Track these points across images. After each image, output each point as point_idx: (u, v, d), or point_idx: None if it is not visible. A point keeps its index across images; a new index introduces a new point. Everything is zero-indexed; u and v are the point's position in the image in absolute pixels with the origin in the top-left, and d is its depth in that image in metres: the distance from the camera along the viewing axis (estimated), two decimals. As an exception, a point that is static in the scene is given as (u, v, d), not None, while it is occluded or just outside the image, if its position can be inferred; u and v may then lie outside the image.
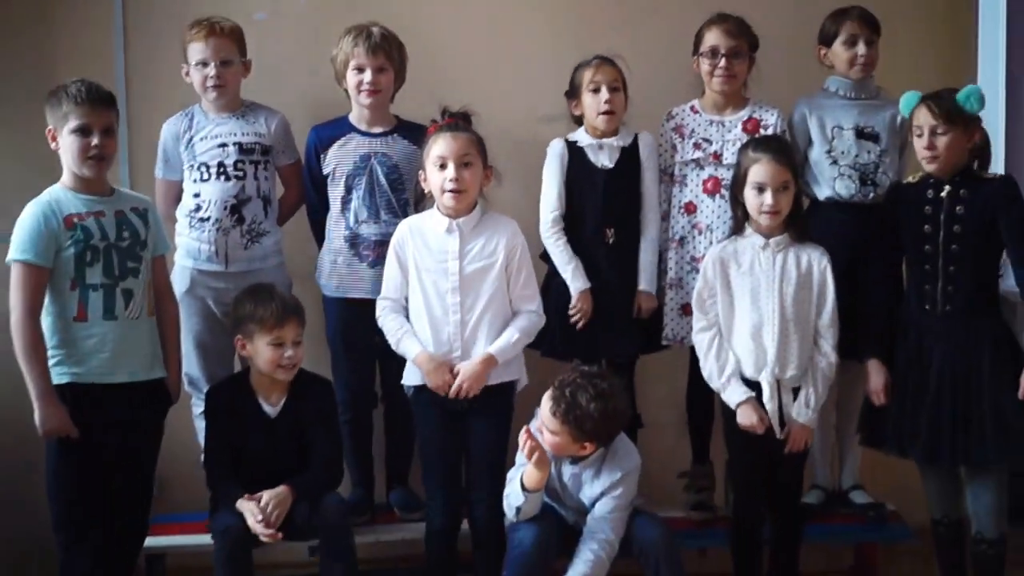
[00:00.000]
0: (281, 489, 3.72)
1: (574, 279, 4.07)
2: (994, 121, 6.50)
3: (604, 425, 3.60)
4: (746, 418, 3.74)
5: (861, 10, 4.19)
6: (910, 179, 3.88)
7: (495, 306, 3.82)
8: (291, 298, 3.92)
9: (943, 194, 3.71)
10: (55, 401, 3.47)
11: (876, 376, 3.81)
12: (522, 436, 3.62)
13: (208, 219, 4.11)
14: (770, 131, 4.14)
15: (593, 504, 3.70)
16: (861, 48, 4.15)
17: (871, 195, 4.12)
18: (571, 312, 4.06)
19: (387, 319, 3.88)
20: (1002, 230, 3.67)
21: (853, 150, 4.15)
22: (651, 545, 3.64)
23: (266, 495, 3.69)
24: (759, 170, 3.74)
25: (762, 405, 3.74)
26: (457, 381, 3.74)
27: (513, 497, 3.66)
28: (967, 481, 3.77)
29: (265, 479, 3.77)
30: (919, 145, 3.73)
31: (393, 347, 3.88)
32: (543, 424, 3.63)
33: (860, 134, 4.15)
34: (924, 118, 3.69)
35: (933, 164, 3.70)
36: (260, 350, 3.81)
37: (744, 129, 4.16)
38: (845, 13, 4.19)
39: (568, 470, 3.74)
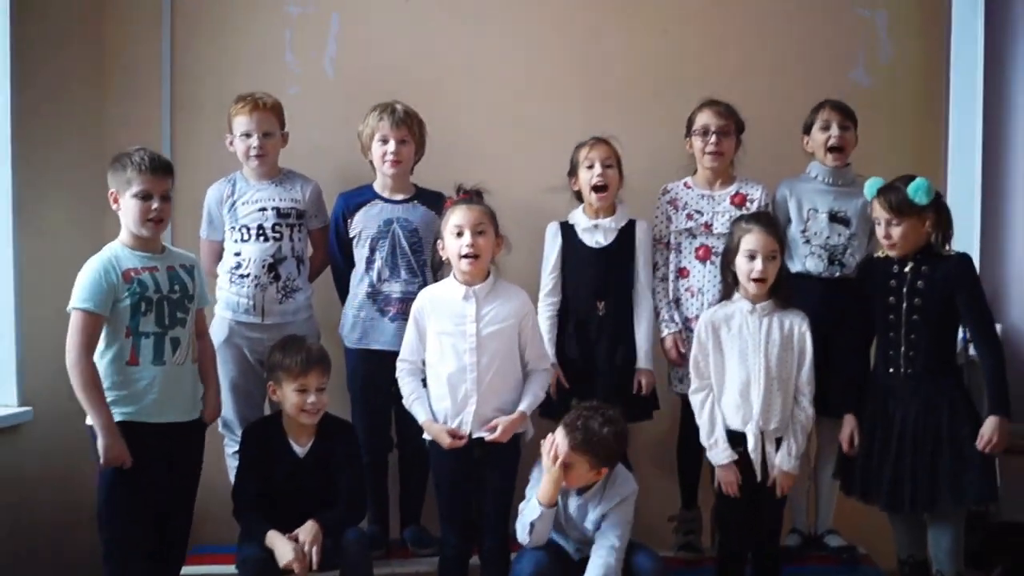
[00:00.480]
0: (311, 525, 3.94)
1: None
2: (969, 200, 6.85)
3: (617, 445, 3.96)
4: (725, 477, 4.07)
5: (835, 100, 4.53)
6: (879, 254, 4.18)
7: (508, 365, 4.10)
8: (318, 350, 4.16)
9: (906, 270, 4.04)
10: (116, 433, 3.70)
11: (846, 427, 4.14)
12: (546, 444, 3.92)
13: (248, 276, 4.40)
14: (755, 205, 4.45)
15: (597, 527, 4.00)
16: (834, 130, 4.46)
17: (837, 273, 4.42)
18: None
19: (404, 381, 4.17)
20: (959, 306, 4.00)
21: (825, 232, 4.44)
22: (649, 573, 3.95)
23: (302, 534, 3.91)
24: (751, 239, 4.05)
25: (747, 455, 4.04)
26: (498, 433, 4.00)
27: (528, 512, 3.95)
28: (929, 525, 4.05)
29: (292, 514, 4.00)
30: (879, 233, 4.08)
31: (406, 407, 4.17)
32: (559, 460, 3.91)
33: (833, 218, 4.44)
34: (879, 211, 4.04)
35: (892, 250, 4.05)
36: (287, 395, 4.07)
37: (732, 202, 4.48)
38: (822, 103, 4.53)
39: (574, 502, 4.04)
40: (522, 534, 4.00)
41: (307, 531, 3.94)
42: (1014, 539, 5.19)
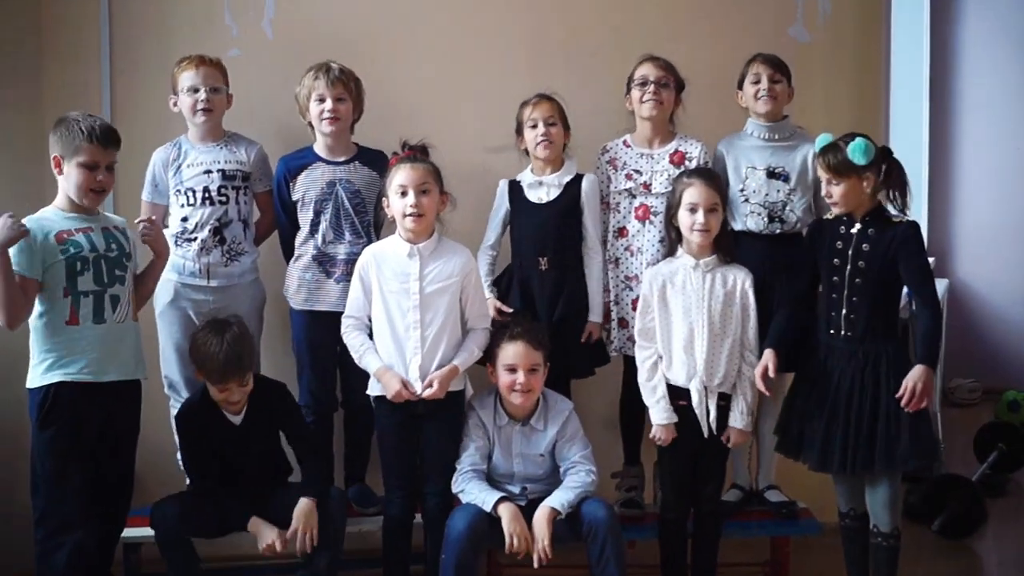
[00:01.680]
0: (305, 506, 4.04)
1: None
2: (916, 156, 6.88)
3: (547, 333, 4.23)
4: (660, 434, 4.16)
5: (766, 54, 4.49)
6: (828, 216, 4.16)
7: (451, 322, 4.15)
8: (232, 350, 4.03)
9: (853, 231, 4.02)
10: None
11: (763, 361, 4.11)
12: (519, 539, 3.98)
13: (194, 239, 4.40)
14: (694, 162, 4.43)
15: (551, 450, 4.20)
16: (764, 83, 4.42)
17: (778, 230, 4.42)
18: None
19: (351, 336, 4.21)
20: (902, 273, 3.99)
21: (764, 189, 4.41)
22: (599, 524, 3.98)
23: (295, 522, 4.00)
24: (692, 192, 4.09)
25: (691, 410, 4.11)
26: (435, 389, 4.06)
27: (478, 503, 4.03)
28: (866, 481, 4.07)
29: (241, 477, 4.11)
30: (823, 191, 4.05)
31: (356, 361, 4.20)
32: (520, 383, 4.09)
33: (771, 174, 4.42)
34: (820, 171, 4.02)
35: (836, 208, 4.04)
36: (212, 391, 4.12)
37: (671, 161, 4.46)
38: (753, 57, 4.50)
39: (518, 435, 4.18)
40: (464, 499, 4.09)
41: (301, 515, 4.03)
42: (954, 491, 5.30)
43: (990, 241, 8.23)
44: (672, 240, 4.23)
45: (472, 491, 4.06)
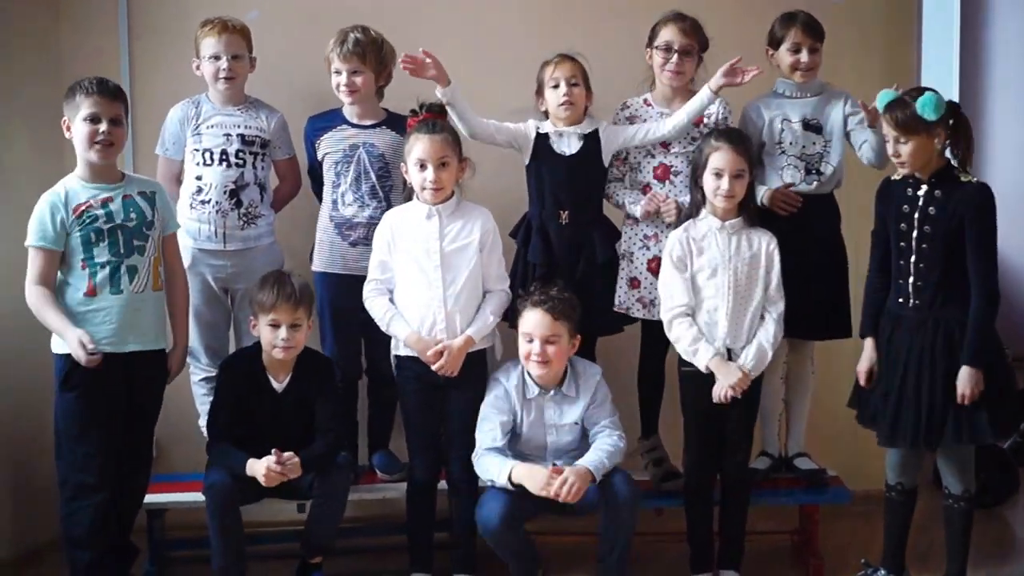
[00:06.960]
0: (292, 455, 3.96)
1: None
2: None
3: (576, 305, 4.09)
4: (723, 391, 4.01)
5: (806, 18, 4.37)
6: (896, 176, 4.02)
7: (472, 282, 4.12)
8: (295, 286, 4.10)
9: (919, 193, 3.89)
10: (72, 327, 3.71)
11: (865, 359, 4.04)
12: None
13: (209, 201, 4.37)
14: (712, 119, 4.35)
15: (582, 419, 4.12)
16: (804, 55, 4.34)
17: (815, 183, 4.36)
18: None
19: (374, 302, 4.16)
20: (965, 239, 3.81)
21: (800, 142, 4.35)
22: (624, 498, 3.93)
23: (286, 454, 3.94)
24: (718, 157, 4.01)
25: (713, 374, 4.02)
26: (439, 364, 4.03)
27: (495, 477, 3.96)
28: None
29: (267, 445, 3.99)
30: (889, 150, 3.90)
31: (383, 329, 4.15)
32: (536, 353, 4.00)
33: (807, 126, 4.36)
34: (887, 128, 3.86)
35: (902, 168, 3.90)
36: (262, 330, 4.08)
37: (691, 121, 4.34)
38: (791, 19, 4.38)
39: (551, 402, 4.11)
40: (484, 477, 4.05)
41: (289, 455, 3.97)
42: (986, 460, 5.20)
43: (1022, 203, 8.11)
44: (697, 201, 4.15)
45: (486, 466, 4.01)
